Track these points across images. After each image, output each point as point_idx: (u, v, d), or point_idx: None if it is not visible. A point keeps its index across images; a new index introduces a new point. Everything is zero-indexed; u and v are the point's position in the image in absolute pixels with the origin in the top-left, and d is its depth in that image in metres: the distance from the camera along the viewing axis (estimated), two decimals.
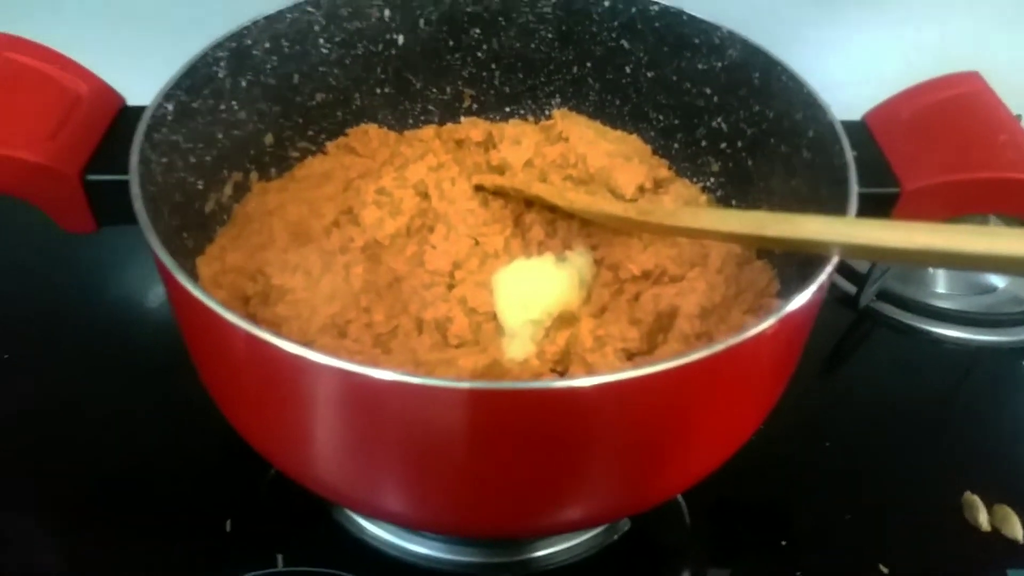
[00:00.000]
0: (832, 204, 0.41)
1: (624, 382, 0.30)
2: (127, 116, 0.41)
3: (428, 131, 0.56)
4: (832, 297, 0.62)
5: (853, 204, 0.37)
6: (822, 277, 0.34)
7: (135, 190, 0.34)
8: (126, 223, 0.39)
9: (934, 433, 0.53)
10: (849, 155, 0.39)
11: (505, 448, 0.33)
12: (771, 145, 0.48)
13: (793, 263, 0.44)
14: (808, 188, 0.44)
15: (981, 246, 0.30)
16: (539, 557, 0.46)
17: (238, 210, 0.48)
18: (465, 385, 0.31)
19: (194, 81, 0.42)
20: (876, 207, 0.41)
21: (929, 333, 0.61)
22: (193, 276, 0.40)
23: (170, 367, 0.52)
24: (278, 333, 0.30)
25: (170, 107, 0.40)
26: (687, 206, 0.47)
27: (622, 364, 0.42)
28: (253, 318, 0.40)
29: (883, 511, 0.49)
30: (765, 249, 0.47)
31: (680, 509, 0.48)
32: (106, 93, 0.41)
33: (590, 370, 0.41)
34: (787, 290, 0.45)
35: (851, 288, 0.62)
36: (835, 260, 0.35)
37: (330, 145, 0.53)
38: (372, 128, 0.54)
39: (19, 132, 0.36)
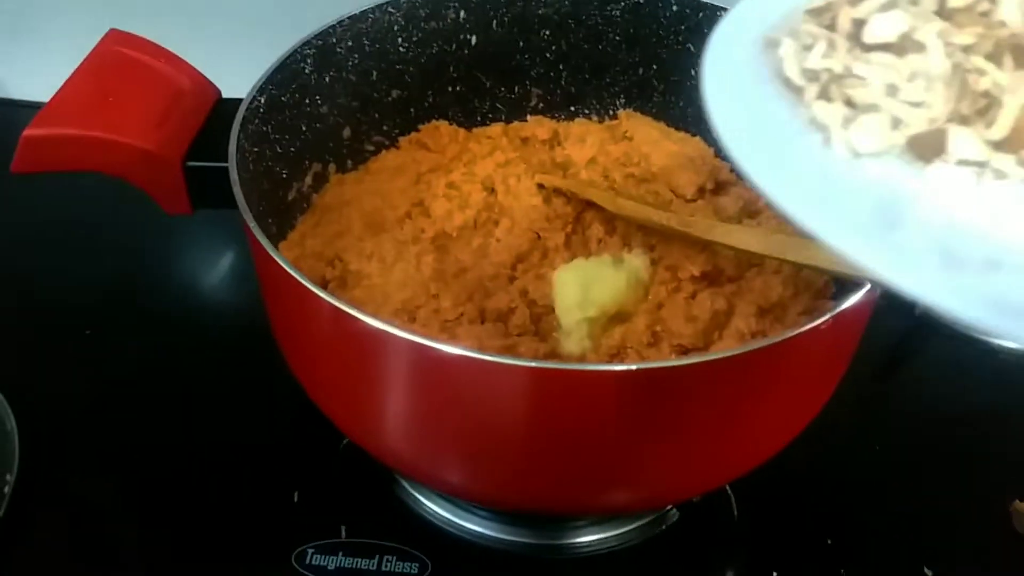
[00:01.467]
0: None
1: (679, 368, 0.32)
2: (223, 108, 0.44)
3: (496, 128, 0.58)
4: (889, 304, 0.62)
5: None
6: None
7: (234, 176, 0.37)
8: (218, 207, 0.43)
9: (985, 441, 0.54)
10: None
11: (560, 427, 0.35)
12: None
13: None
14: None
15: None
16: (589, 542, 0.48)
17: (317, 200, 0.50)
18: (528, 364, 0.33)
19: (284, 76, 0.45)
20: None
21: (985, 343, 0.61)
22: None
23: (244, 343, 0.57)
24: (361, 308, 0.33)
25: (262, 100, 0.43)
26: (723, 222, 0.48)
27: (672, 357, 0.43)
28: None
29: (930, 515, 0.50)
30: None
31: (729, 503, 0.49)
32: (205, 86, 0.44)
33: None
34: (842, 292, 0.46)
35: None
36: None
37: (403, 140, 0.56)
38: (443, 125, 0.56)
39: (131, 121, 0.40)
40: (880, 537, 0.49)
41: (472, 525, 0.48)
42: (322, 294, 0.33)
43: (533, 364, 0.33)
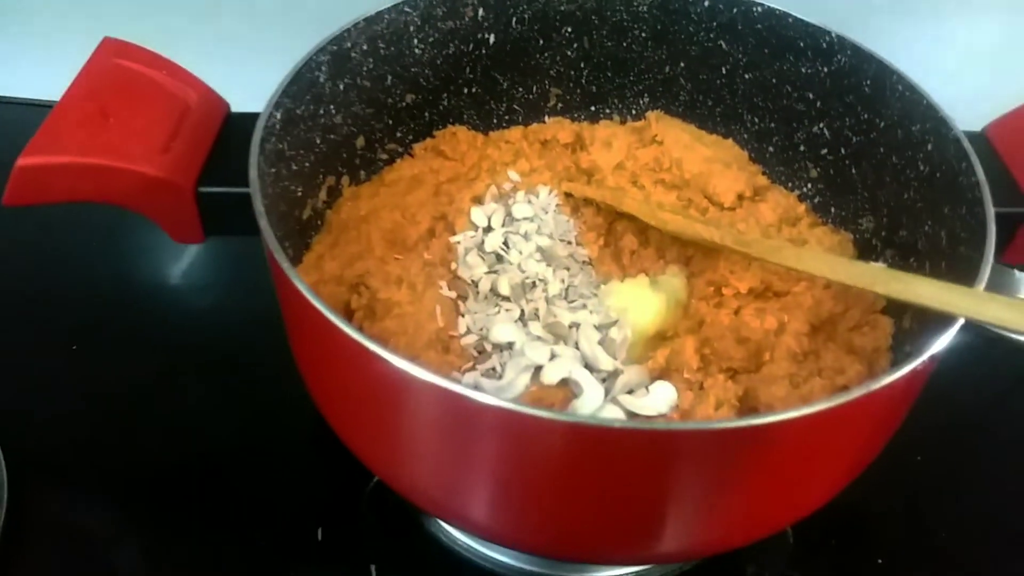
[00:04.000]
0: (957, 223, 0.39)
1: (740, 429, 0.30)
2: (233, 124, 0.40)
3: (515, 132, 0.55)
4: None
5: (991, 227, 0.36)
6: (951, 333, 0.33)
7: (258, 206, 0.33)
8: (234, 234, 0.39)
9: None
10: (981, 173, 0.38)
11: (599, 481, 0.32)
12: (880, 155, 0.46)
13: None
14: (925, 203, 0.43)
15: None
16: (632, 573, 0.46)
17: (332, 217, 0.47)
18: (566, 419, 0.30)
19: (298, 87, 0.41)
20: (1002, 228, 0.40)
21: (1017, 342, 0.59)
22: None
23: (251, 361, 0.54)
24: (389, 347, 0.30)
25: (278, 115, 0.39)
26: (790, 244, 0.45)
27: (727, 385, 0.41)
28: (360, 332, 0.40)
29: (982, 533, 0.48)
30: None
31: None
32: (213, 100, 0.40)
33: (697, 395, 0.40)
34: (895, 304, 0.43)
35: None
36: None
37: (417, 147, 0.52)
38: (460, 130, 0.53)
39: (136, 144, 0.36)
40: (931, 555, 0.47)
41: (507, 559, 0.46)
42: (354, 333, 0.30)
43: (571, 420, 0.30)
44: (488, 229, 0.48)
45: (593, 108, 0.57)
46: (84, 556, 0.45)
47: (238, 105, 0.43)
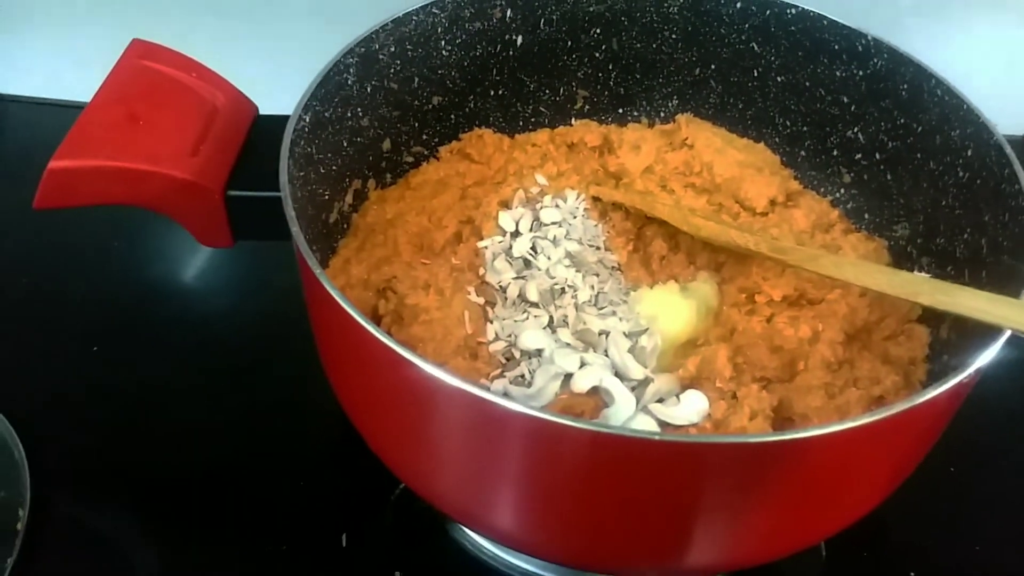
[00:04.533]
0: (999, 230, 0.39)
1: (773, 444, 0.29)
2: (262, 126, 0.40)
3: (541, 135, 0.54)
4: None
5: None
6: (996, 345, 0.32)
7: (290, 212, 0.33)
8: (263, 238, 0.39)
9: None
10: None
11: (627, 492, 0.32)
12: (917, 161, 0.45)
13: None
14: (964, 210, 0.42)
15: None
16: None
17: (357, 220, 0.47)
18: (591, 427, 0.30)
19: (327, 90, 0.41)
20: None
21: None
22: None
23: (275, 364, 0.53)
24: (419, 354, 0.30)
25: (307, 119, 0.39)
26: (827, 252, 0.44)
27: (761, 395, 0.40)
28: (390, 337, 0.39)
29: (1017, 548, 0.47)
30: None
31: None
32: (241, 103, 0.40)
33: (730, 404, 0.39)
34: (931, 313, 0.42)
35: None
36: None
37: (443, 150, 0.52)
38: (487, 133, 0.52)
39: (165, 147, 0.36)
40: (965, 568, 0.46)
41: (533, 567, 0.45)
42: (385, 339, 0.30)
43: (597, 429, 0.30)
44: (516, 234, 0.47)
45: (621, 111, 0.56)
46: (104, 557, 0.45)
47: (266, 108, 0.43)
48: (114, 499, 0.48)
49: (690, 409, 0.39)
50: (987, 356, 0.31)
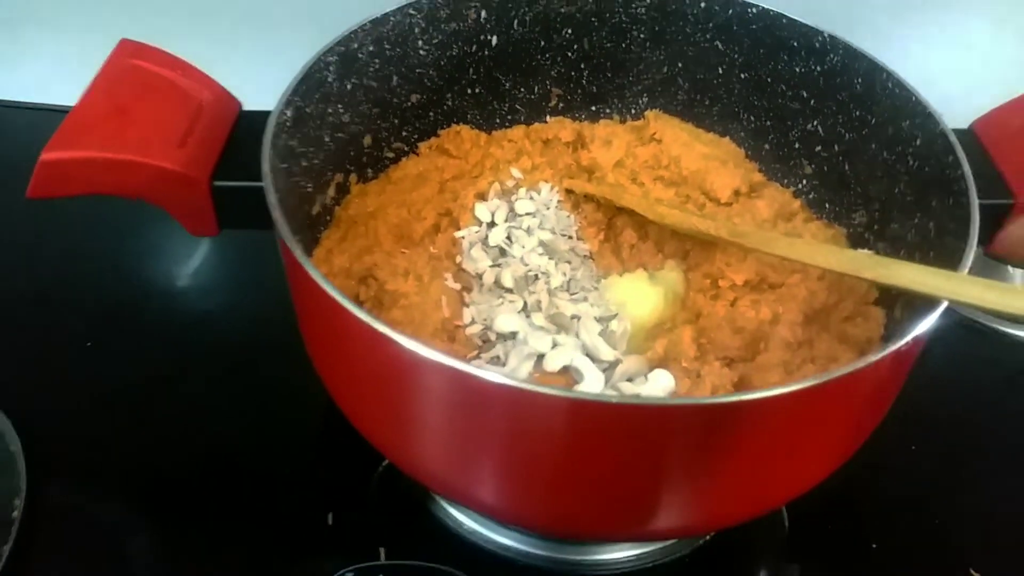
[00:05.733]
0: (944, 214, 0.41)
1: (737, 403, 0.31)
2: (245, 121, 0.42)
3: (517, 131, 0.56)
4: None
5: (975, 217, 0.37)
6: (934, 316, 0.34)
7: (271, 199, 0.35)
8: (247, 227, 0.41)
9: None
10: (966, 166, 0.39)
11: (597, 457, 0.34)
12: (872, 151, 0.47)
13: None
14: (915, 196, 0.44)
15: None
16: (632, 557, 0.47)
17: (340, 213, 0.48)
18: (568, 395, 0.31)
19: (308, 86, 0.43)
20: (988, 219, 0.41)
21: (1009, 335, 0.60)
22: None
23: (264, 353, 0.55)
24: (401, 330, 0.31)
25: (289, 113, 0.41)
26: (783, 235, 0.46)
27: (723, 372, 0.42)
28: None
29: (976, 517, 0.49)
30: None
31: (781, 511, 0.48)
32: (225, 99, 0.42)
33: (695, 381, 0.41)
34: (886, 295, 0.45)
35: None
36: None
37: (422, 146, 0.54)
38: (464, 129, 0.55)
39: (154, 140, 0.37)
40: (925, 539, 0.49)
41: (513, 543, 0.47)
42: (366, 318, 0.31)
43: (573, 396, 0.31)
44: (492, 224, 0.49)
45: (594, 108, 0.58)
46: (98, 544, 0.46)
47: (249, 104, 0.45)
48: (107, 488, 0.49)
49: (657, 386, 0.41)
50: (925, 325, 0.33)
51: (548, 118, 0.58)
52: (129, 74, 0.40)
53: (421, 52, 0.51)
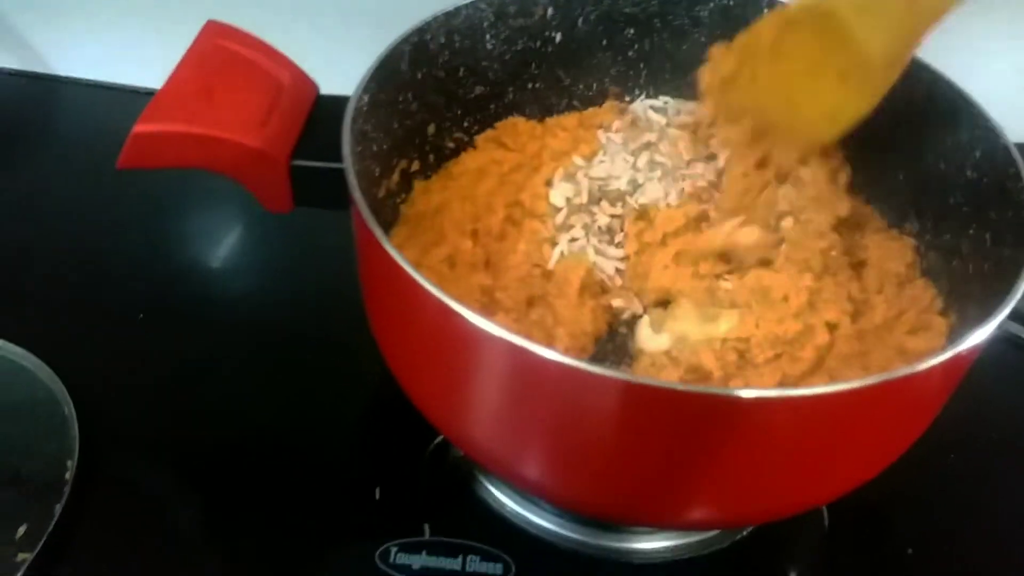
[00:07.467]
0: (1003, 226, 0.41)
1: (791, 399, 0.32)
2: (323, 104, 0.44)
3: (571, 119, 0.57)
4: None
5: None
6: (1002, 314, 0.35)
7: (352, 180, 0.36)
8: (321, 206, 0.42)
9: None
10: None
11: (649, 442, 0.35)
12: (928, 161, 0.48)
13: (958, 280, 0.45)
14: (971, 207, 0.45)
15: None
16: (673, 547, 0.48)
17: (406, 211, 0.50)
18: (627, 378, 0.33)
19: (384, 74, 0.44)
20: None
21: None
22: None
23: (319, 330, 0.57)
24: (468, 305, 0.32)
25: (366, 98, 0.42)
26: None
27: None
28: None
29: (1011, 528, 0.50)
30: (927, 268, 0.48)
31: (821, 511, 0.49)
32: (304, 82, 0.43)
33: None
34: (949, 307, 0.45)
35: None
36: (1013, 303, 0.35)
37: (479, 138, 0.55)
38: (520, 121, 0.56)
39: (237, 118, 0.39)
40: (958, 547, 0.49)
41: (554, 527, 0.48)
42: (435, 290, 0.33)
43: (630, 379, 0.33)
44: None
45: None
46: (146, 511, 0.48)
47: (325, 88, 0.46)
48: (156, 457, 0.51)
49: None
50: (976, 339, 0.34)
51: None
52: (215, 54, 0.42)
53: (488, 45, 0.52)
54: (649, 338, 0.46)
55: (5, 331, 0.54)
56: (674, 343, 0.44)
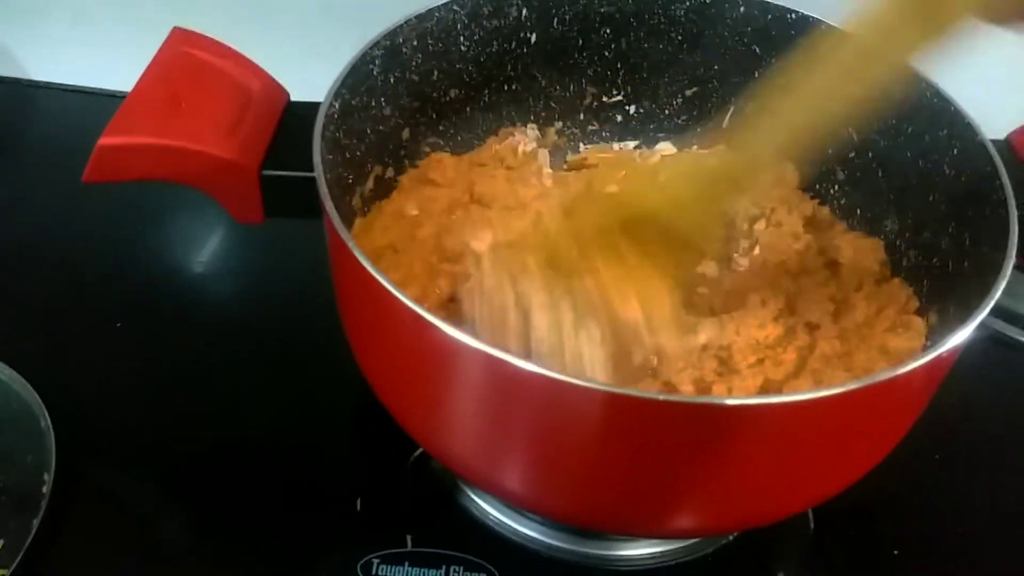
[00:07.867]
0: (981, 224, 0.41)
1: (770, 406, 0.32)
2: (294, 112, 0.43)
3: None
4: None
5: (1014, 227, 0.38)
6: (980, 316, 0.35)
7: (323, 189, 0.36)
8: (293, 216, 0.42)
9: None
10: (1005, 177, 0.40)
11: (629, 452, 0.34)
12: (907, 159, 0.48)
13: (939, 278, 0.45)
14: (950, 205, 0.44)
15: None
16: (657, 553, 0.48)
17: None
18: (605, 389, 0.32)
19: (355, 80, 0.43)
20: None
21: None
22: None
23: (296, 338, 0.56)
24: (446, 319, 0.32)
25: (337, 105, 0.41)
26: None
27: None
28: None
29: (998, 529, 0.50)
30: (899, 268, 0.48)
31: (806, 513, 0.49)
32: (274, 89, 0.43)
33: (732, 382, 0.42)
34: (930, 304, 0.45)
35: None
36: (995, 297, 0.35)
37: (403, 178, 0.52)
38: (446, 157, 0.54)
39: (206, 128, 0.38)
40: (945, 549, 0.49)
41: (538, 535, 0.48)
42: (409, 302, 0.32)
43: (609, 390, 0.32)
44: None
45: (628, 108, 0.59)
46: (127, 524, 0.47)
47: (296, 95, 0.45)
48: (135, 468, 0.50)
49: None
50: (956, 339, 0.33)
51: (582, 115, 0.58)
52: (181, 62, 0.41)
53: (462, 48, 0.51)
54: None
55: None
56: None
